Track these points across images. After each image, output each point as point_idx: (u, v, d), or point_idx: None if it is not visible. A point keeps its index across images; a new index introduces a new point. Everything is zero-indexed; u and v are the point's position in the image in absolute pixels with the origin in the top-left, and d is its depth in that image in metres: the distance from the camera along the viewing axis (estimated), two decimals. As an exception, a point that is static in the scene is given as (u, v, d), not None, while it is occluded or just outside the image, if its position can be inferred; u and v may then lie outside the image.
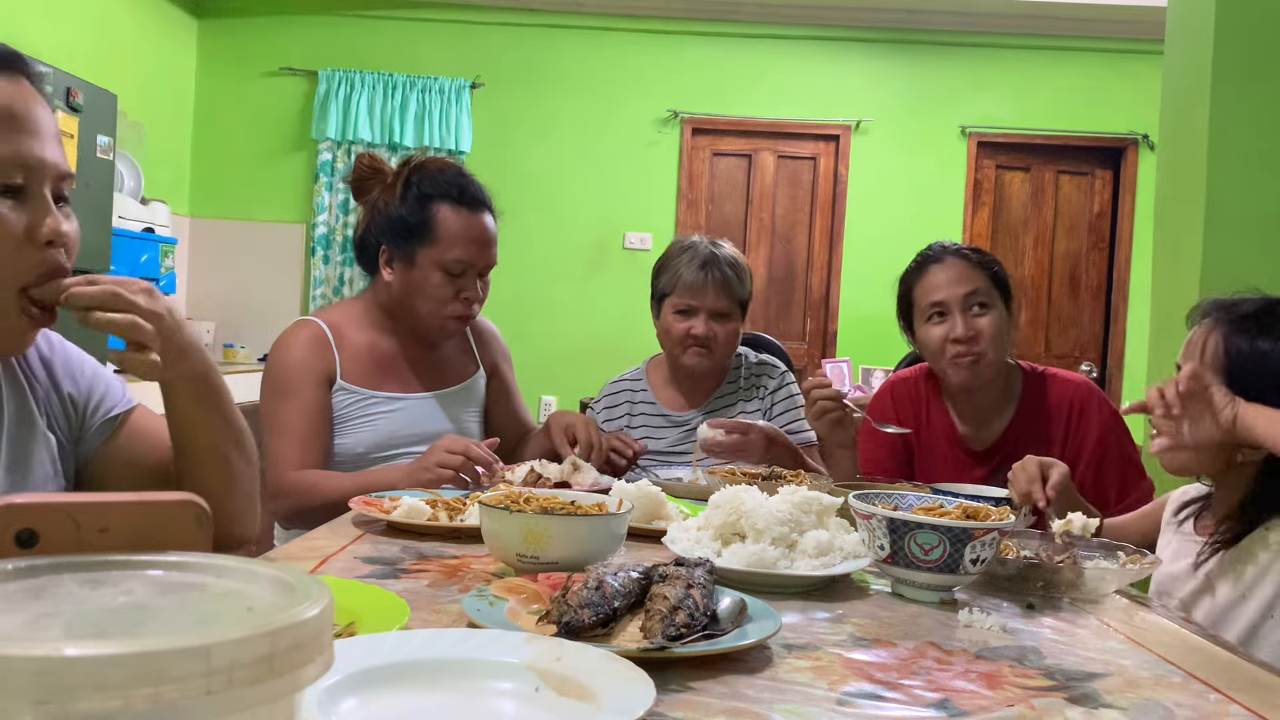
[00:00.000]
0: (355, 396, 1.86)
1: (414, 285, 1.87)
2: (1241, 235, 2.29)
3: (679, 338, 2.10)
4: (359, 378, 1.87)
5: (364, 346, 1.90)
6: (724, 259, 2.11)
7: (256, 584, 0.46)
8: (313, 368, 1.83)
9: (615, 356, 6.05)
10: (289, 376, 1.82)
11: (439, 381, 1.98)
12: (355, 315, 1.94)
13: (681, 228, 5.59)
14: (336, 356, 1.86)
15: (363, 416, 1.86)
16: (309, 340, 1.85)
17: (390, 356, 1.93)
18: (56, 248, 1.03)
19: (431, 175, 1.89)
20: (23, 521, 0.52)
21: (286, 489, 1.75)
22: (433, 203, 1.86)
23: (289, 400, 1.80)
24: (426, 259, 1.86)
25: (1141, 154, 5.49)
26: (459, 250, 1.85)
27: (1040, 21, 5.43)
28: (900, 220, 5.56)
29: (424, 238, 1.85)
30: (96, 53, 4.45)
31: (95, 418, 1.19)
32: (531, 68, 5.54)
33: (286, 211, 5.53)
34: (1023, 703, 0.82)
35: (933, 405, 1.97)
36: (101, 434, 1.19)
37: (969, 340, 1.81)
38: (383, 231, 1.90)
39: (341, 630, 0.86)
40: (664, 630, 0.85)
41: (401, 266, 1.88)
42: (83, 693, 0.34)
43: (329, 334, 1.87)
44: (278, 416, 1.80)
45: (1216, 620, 1.38)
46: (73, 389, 1.18)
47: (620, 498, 1.26)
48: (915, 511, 1.17)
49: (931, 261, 1.89)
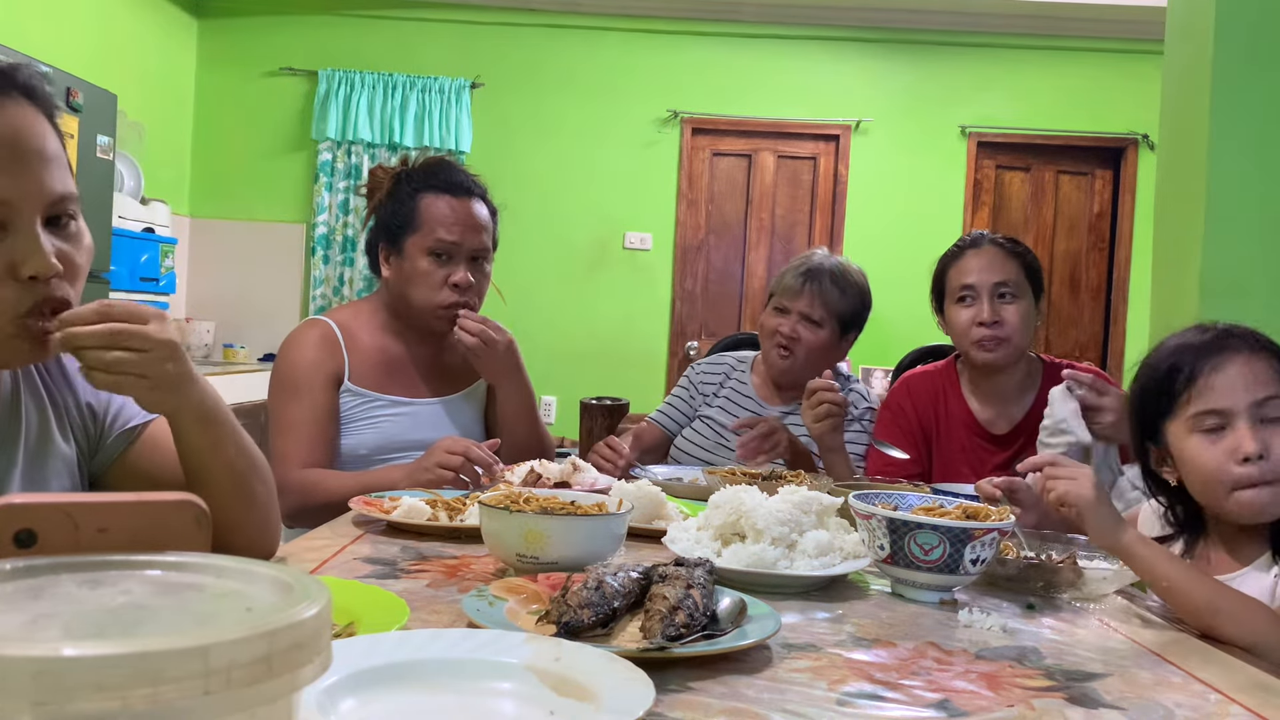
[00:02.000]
0: (361, 399, 1.87)
1: (405, 275, 1.90)
2: (1241, 235, 2.29)
3: (769, 333, 2.19)
4: (367, 380, 1.88)
5: (373, 349, 1.91)
6: (829, 269, 2.18)
7: (255, 584, 0.46)
8: (323, 368, 1.84)
9: (615, 356, 6.08)
10: (298, 375, 1.82)
11: (445, 387, 1.99)
12: (365, 317, 1.95)
13: (681, 228, 5.59)
14: (346, 358, 1.87)
15: (367, 419, 1.87)
16: (319, 340, 1.86)
17: (398, 360, 1.94)
18: (42, 282, 0.99)
19: (419, 171, 1.94)
20: (22, 521, 0.52)
21: (290, 487, 1.74)
22: (419, 194, 1.90)
23: (298, 399, 1.81)
24: (414, 246, 1.89)
25: (1141, 154, 5.49)
26: (441, 231, 1.88)
27: (1040, 21, 5.43)
28: (900, 220, 5.57)
29: (411, 226, 1.89)
30: (96, 53, 4.45)
31: (114, 428, 1.18)
32: (531, 68, 5.54)
33: (286, 211, 5.53)
34: (1023, 703, 0.82)
35: (951, 396, 2.01)
36: (119, 445, 1.18)
37: (994, 324, 1.88)
38: (380, 231, 1.94)
39: (341, 630, 0.86)
40: (664, 630, 0.85)
41: (395, 259, 1.91)
42: (81, 693, 0.34)
43: (339, 335, 1.88)
44: (286, 415, 1.81)
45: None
46: (93, 398, 1.17)
47: (620, 498, 1.26)
48: (915, 511, 1.17)
49: (969, 247, 1.97)
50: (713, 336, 5.58)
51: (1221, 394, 1.24)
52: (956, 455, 1.96)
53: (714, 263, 5.69)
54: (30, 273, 0.98)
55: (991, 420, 1.96)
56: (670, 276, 5.62)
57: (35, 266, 0.98)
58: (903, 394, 2.06)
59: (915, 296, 5.84)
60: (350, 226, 5.44)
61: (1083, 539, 1.36)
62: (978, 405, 1.97)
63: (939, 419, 2.00)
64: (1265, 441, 1.21)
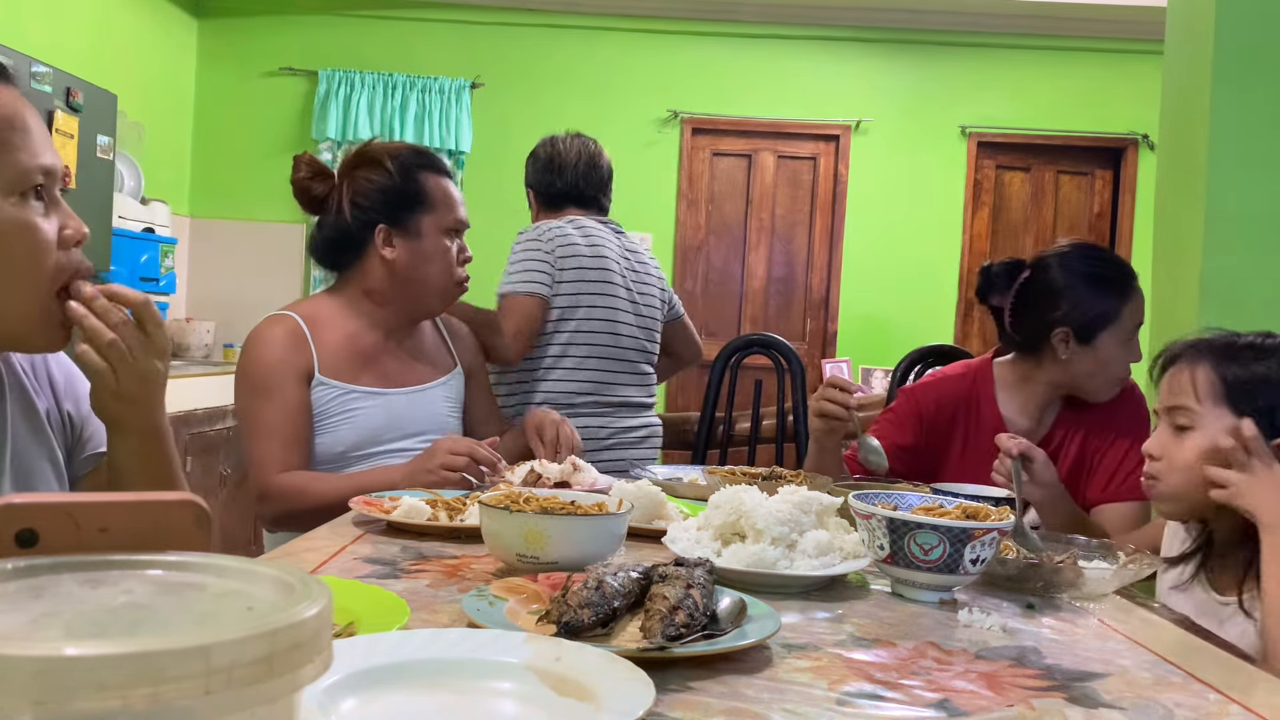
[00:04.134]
0: (335, 391, 1.83)
1: (424, 254, 1.89)
2: (1241, 235, 2.29)
3: None
4: (337, 371, 1.84)
5: (342, 338, 1.87)
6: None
7: (256, 584, 0.46)
8: (290, 364, 1.79)
9: (615, 356, 6.08)
10: (266, 375, 1.78)
11: (418, 376, 1.95)
12: (332, 307, 1.91)
13: (681, 228, 5.60)
14: (314, 350, 1.82)
15: (343, 412, 1.83)
16: (284, 336, 1.81)
17: (369, 348, 1.90)
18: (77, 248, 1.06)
19: (398, 151, 1.93)
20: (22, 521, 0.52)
21: (274, 493, 1.73)
22: (419, 172, 1.91)
23: (268, 400, 1.77)
24: (430, 225, 1.89)
25: (1141, 154, 5.49)
26: (456, 213, 1.93)
27: (1040, 21, 5.43)
28: (900, 220, 5.57)
29: (423, 204, 1.89)
30: (96, 53, 4.45)
31: (85, 448, 1.20)
32: (531, 68, 5.54)
33: (286, 211, 5.51)
34: (1023, 703, 0.82)
35: (983, 401, 1.94)
36: (85, 465, 1.20)
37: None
38: (378, 210, 1.88)
39: (341, 630, 0.86)
40: (664, 630, 0.85)
41: (405, 239, 1.88)
42: (82, 693, 0.34)
43: (305, 327, 1.83)
44: (259, 417, 1.77)
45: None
46: (73, 409, 1.19)
47: (620, 498, 1.26)
48: (915, 511, 1.17)
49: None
50: (713, 337, 5.59)
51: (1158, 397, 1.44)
52: (987, 463, 1.90)
53: (714, 263, 5.69)
54: (77, 238, 1.05)
55: (1021, 431, 1.88)
56: (670, 277, 5.62)
57: (78, 230, 1.06)
58: (930, 397, 1.97)
59: (915, 296, 5.86)
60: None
61: (1082, 539, 1.36)
62: (1013, 412, 1.92)
63: (967, 425, 1.94)
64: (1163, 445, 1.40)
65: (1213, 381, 1.35)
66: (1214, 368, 1.36)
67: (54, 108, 3.39)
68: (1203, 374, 1.36)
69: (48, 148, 1.04)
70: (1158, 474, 1.39)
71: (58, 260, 1.04)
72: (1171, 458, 1.37)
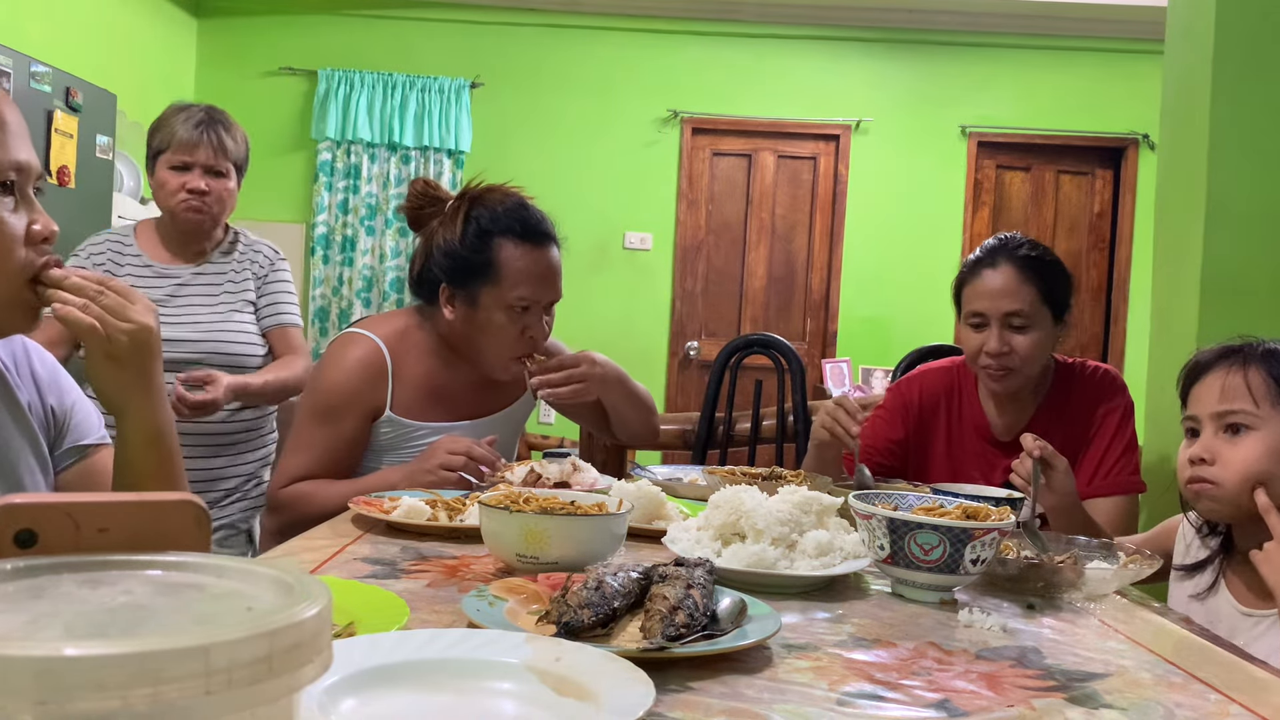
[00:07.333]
0: (404, 429, 1.79)
1: (478, 325, 1.78)
2: (1241, 235, 2.29)
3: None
4: (408, 409, 1.79)
5: (420, 376, 1.81)
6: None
7: (256, 584, 0.46)
8: (361, 397, 1.75)
9: (615, 356, 6.05)
10: (329, 399, 1.74)
11: (489, 406, 1.89)
12: (417, 336, 1.84)
13: (682, 227, 5.60)
14: (390, 388, 1.77)
15: (406, 446, 1.79)
16: (362, 366, 1.76)
17: (445, 387, 1.84)
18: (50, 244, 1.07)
19: (492, 209, 1.78)
20: (22, 521, 0.51)
21: (279, 503, 1.72)
22: (494, 239, 1.75)
23: (323, 424, 1.73)
24: (490, 299, 1.76)
25: (1141, 154, 5.49)
26: (523, 289, 1.76)
27: (1040, 21, 5.44)
28: (900, 220, 5.57)
29: (487, 277, 1.75)
30: (96, 53, 4.45)
31: (66, 440, 1.20)
32: (531, 68, 5.54)
33: (286, 211, 5.53)
34: (1023, 703, 0.82)
35: (965, 397, 1.96)
36: (66, 459, 1.20)
37: (1001, 355, 1.81)
38: (442, 269, 1.79)
39: (341, 630, 0.86)
40: (664, 630, 0.85)
41: (464, 307, 1.78)
42: (82, 693, 0.34)
43: (389, 360, 1.77)
44: (307, 434, 1.74)
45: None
46: (55, 403, 1.19)
47: (620, 498, 1.26)
48: (915, 511, 1.17)
49: (984, 265, 1.86)
50: (713, 337, 5.59)
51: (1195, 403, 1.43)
52: (969, 459, 1.93)
53: (714, 263, 5.69)
54: (45, 234, 1.06)
55: (1001, 427, 1.92)
56: (670, 277, 5.62)
57: (47, 228, 1.07)
58: (915, 389, 2.01)
59: (915, 296, 5.86)
60: (349, 226, 5.44)
61: (1083, 539, 1.36)
62: (992, 410, 1.93)
63: (950, 420, 1.96)
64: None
65: (1269, 383, 1.36)
66: (1267, 370, 1.37)
67: (53, 107, 3.39)
68: (1256, 376, 1.37)
69: (24, 145, 1.05)
70: (1214, 478, 1.37)
71: (25, 256, 1.05)
72: (1226, 461, 1.36)
